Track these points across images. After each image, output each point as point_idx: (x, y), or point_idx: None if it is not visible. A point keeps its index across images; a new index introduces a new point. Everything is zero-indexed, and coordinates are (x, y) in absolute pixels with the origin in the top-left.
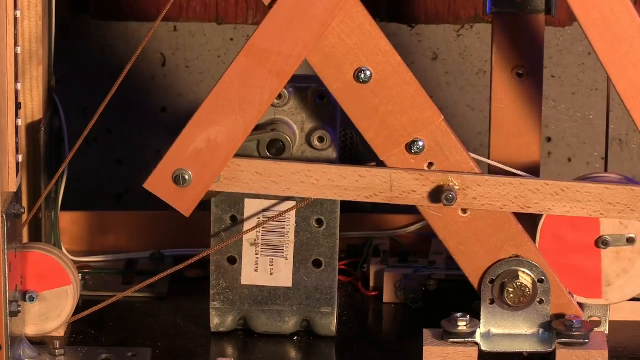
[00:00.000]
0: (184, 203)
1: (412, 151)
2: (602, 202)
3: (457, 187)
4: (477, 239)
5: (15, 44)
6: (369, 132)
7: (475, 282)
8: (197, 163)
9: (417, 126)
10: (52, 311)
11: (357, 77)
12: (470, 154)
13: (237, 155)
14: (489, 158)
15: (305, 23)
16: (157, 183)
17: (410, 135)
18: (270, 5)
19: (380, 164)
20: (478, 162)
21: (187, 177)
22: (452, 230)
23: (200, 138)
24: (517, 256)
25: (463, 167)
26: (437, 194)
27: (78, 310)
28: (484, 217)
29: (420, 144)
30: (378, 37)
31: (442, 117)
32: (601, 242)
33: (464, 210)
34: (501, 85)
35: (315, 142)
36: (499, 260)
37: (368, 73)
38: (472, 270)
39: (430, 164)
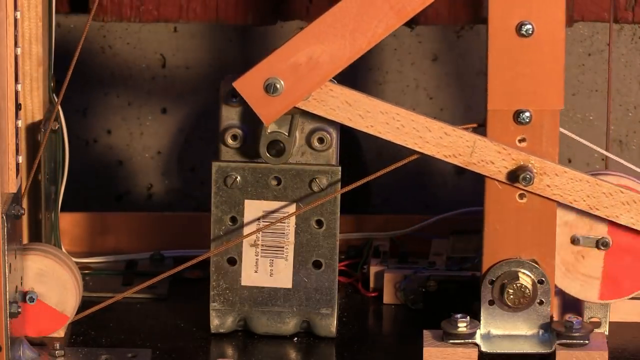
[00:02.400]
0: (268, 111)
1: (517, 119)
2: None
3: (535, 171)
4: (516, 227)
5: (15, 45)
6: (495, 79)
7: (486, 265)
8: (293, 76)
9: (537, 101)
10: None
11: (519, 28)
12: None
13: None
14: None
15: None
16: (248, 85)
17: (525, 105)
18: None
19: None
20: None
21: (278, 86)
22: (501, 207)
23: (303, 52)
24: (535, 261)
25: (547, 159)
26: (515, 172)
27: (78, 311)
28: (535, 212)
29: (527, 116)
30: (558, 4)
31: (562, 108)
32: (601, 244)
33: (522, 196)
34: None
35: (315, 143)
36: (509, 258)
37: (531, 30)
38: (491, 253)
39: (523, 140)
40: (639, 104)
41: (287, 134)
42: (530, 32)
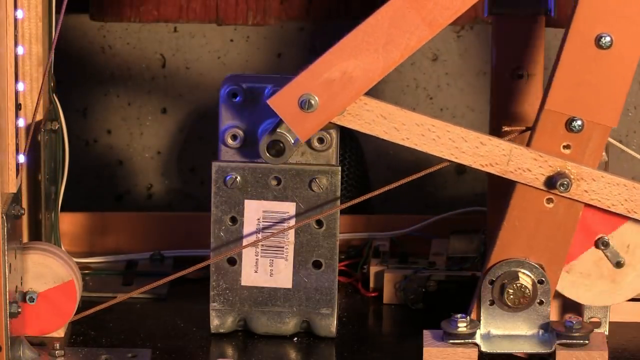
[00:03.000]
0: (303, 128)
1: (569, 125)
2: None
3: (572, 177)
4: (534, 229)
5: (16, 45)
6: (560, 81)
7: (494, 260)
8: (327, 92)
9: (593, 113)
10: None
11: (598, 38)
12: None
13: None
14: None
15: None
16: (282, 102)
17: (580, 113)
18: None
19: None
20: None
21: (313, 102)
22: (525, 206)
23: (336, 68)
24: (542, 266)
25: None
26: (552, 179)
27: (78, 310)
28: (557, 218)
29: (579, 125)
30: None
31: (615, 126)
32: (601, 243)
33: (550, 201)
34: (501, 87)
35: (315, 143)
36: (513, 259)
37: (608, 43)
38: (501, 249)
39: (567, 147)
40: (639, 104)
41: (288, 135)
42: (608, 44)
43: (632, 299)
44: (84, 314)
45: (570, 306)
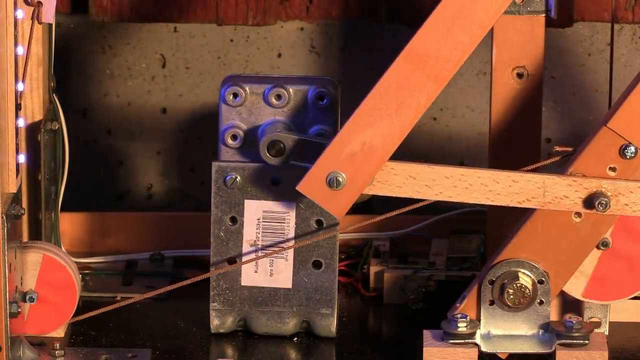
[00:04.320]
0: (337, 206)
1: (622, 149)
2: None
3: (609, 194)
4: (553, 237)
5: (15, 45)
6: (632, 103)
7: (504, 256)
8: (352, 166)
9: None
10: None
11: None
12: None
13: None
14: (488, 159)
15: (466, 27)
16: (311, 185)
17: (637, 141)
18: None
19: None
20: None
21: (340, 179)
22: (553, 214)
23: (355, 141)
24: (546, 274)
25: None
26: (590, 200)
27: (78, 310)
28: (579, 235)
29: (632, 152)
30: None
31: None
32: (601, 243)
33: (578, 215)
34: (501, 87)
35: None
36: (516, 259)
37: None
38: (516, 247)
39: (614, 169)
40: None
41: (287, 133)
42: None
43: (633, 298)
44: (85, 316)
45: (570, 306)
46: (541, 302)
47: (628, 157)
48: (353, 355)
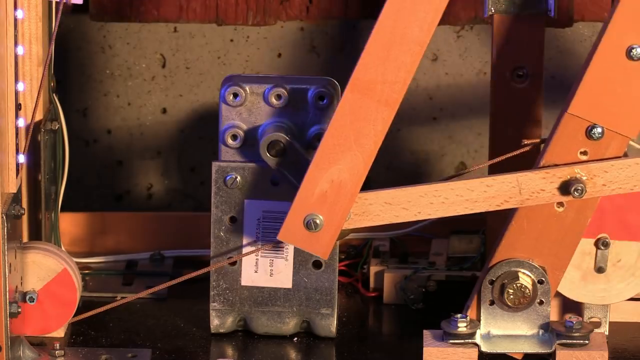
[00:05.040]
0: (321, 247)
1: (588, 131)
2: None
3: (584, 178)
4: (541, 231)
5: (16, 45)
6: (587, 87)
7: (498, 258)
8: (325, 205)
9: (616, 122)
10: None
11: (629, 50)
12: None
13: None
14: (488, 159)
15: (404, 47)
16: (291, 233)
17: (602, 121)
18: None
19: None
20: None
21: (318, 221)
22: (534, 207)
23: (324, 180)
24: (544, 269)
25: None
26: (566, 188)
27: (78, 310)
28: (565, 223)
29: (599, 132)
30: None
31: (635, 137)
32: (601, 244)
33: (560, 205)
34: (501, 87)
35: (315, 143)
36: (529, 259)
37: (639, 56)
38: (507, 248)
39: (585, 153)
40: None
41: (287, 136)
42: (639, 56)
43: (632, 299)
44: (85, 315)
45: (570, 306)
46: (541, 302)
47: (596, 137)
48: (353, 355)
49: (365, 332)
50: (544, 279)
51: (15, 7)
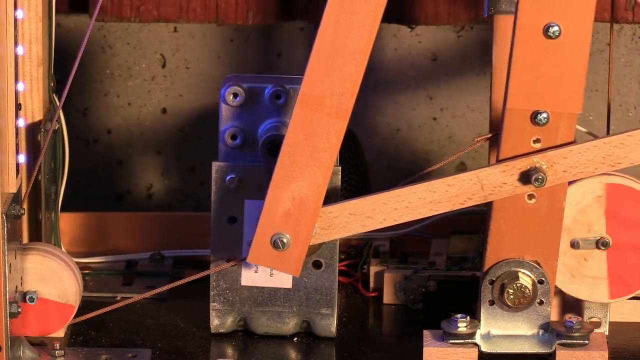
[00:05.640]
0: (291, 265)
1: (534, 119)
2: None
3: (544, 166)
4: (521, 227)
5: (16, 45)
6: (516, 77)
7: (489, 263)
8: (290, 223)
9: (557, 103)
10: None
11: (546, 29)
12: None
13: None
14: (488, 160)
15: (347, 57)
16: (259, 254)
17: (545, 106)
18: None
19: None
20: None
21: (285, 240)
22: (508, 205)
23: (285, 198)
24: (537, 262)
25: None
26: (527, 178)
27: (78, 310)
28: (542, 213)
29: (544, 117)
30: (588, 8)
31: (580, 112)
32: (601, 244)
33: (531, 197)
34: (501, 87)
35: None
36: (511, 259)
37: (557, 32)
38: (494, 252)
39: (537, 141)
40: (639, 104)
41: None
42: (557, 34)
43: (632, 298)
44: (85, 317)
45: (570, 306)
46: (541, 302)
47: (543, 123)
48: (353, 355)
49: (365, 332)
50: (544, 279)
51: (15, 7)
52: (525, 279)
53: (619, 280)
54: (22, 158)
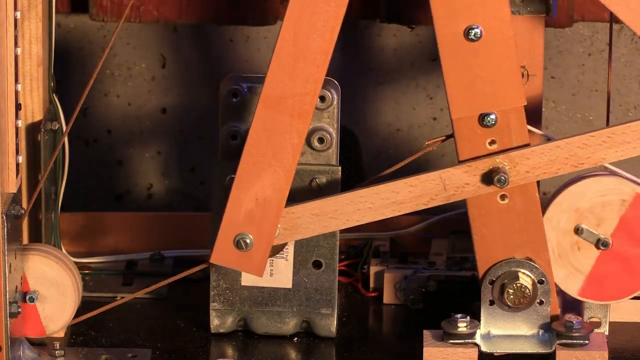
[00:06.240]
0: (254, 265)
1: (483, 122)
2: None
3: (507, 167)
4: (502, 229)
5: (15, 45)
6: (453, 87)
7: (481, 270)
8: (253, 223)
9: (499, 101)
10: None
11: (467, 33)
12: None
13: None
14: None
15: (309, 58)
16: (222, 255)
17: (489, 107)
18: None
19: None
20: None
21: (248, 240)
22: (484, 211)
23: (248, 199)
24: (529, 258)
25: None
26: (490, 179)
27: (78, 310)
28: (518, 211)
29: (493, 118)
30: (503, 4)
31: (525, 104)
32: (601, 243)
33: (503, 197)
34: None
35: (315, 143)
36: (511, 258)
37: (479, 33)
38: (484, 257)
39: (493, 142)
40: (639, 104)
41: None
42: (478, 35)
43: (633, 299)
44: (84, 317)
45: (570, 306)
46: (541, 302)
47: (492, 124)
48: (353, 355)
49: (365, 332)
50: (544, 279)
51: (15, 8)
52: (525, 279)
53: (596, 283)
54: (21, 158)
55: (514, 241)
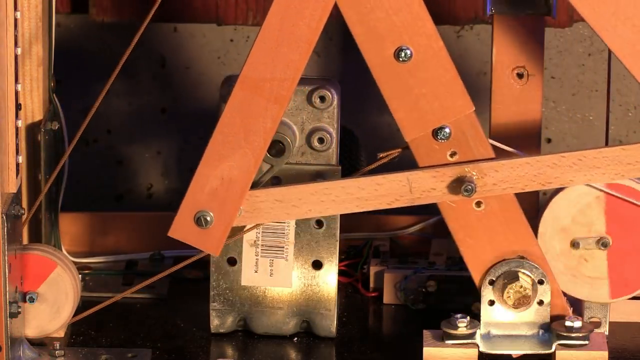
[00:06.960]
0: (211, 244)
1: (438, 137)
2: (621, 164)
3: (475, 177)
4: (486, 235)
5: (15, 45)
6: (399, 112)
7: (477, 278)
8: (216, 202)
9: (447, 113)
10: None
11: (397, 56)
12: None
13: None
14: None
15: (293, 45)
16: (181, 229)
17: (439, 121)
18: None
19: (403, 146)
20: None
21: (208, 218)
22: (463, 222)
23: (214, 177)
24: (522, 257)
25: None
26: (457, 187)
27: (78, 311)
28: (497, 214)
29: (447, 131)
30: (425, 18)
31: (473, 109)
32: (601, 244)
33: (479, 204)
34: (501, 87)
35: (315, 143)
36: (503, 260)
37: (409, 53)
38: (476, 265)
39: (454, 153)
40: (639, 104)
41: (287, 137)
42: (409, 55)
43: (633, 299)
44: (83, 315)
45: (570, 306)
46: (541, 302)
47: (447, 136)
48: (353, 355)
49: (365, 332)
50: (544, 279)
51: (15, 8)
52: (525, 279)
53: (620, 279)
54: (21, 158)
55: (501, 244)
